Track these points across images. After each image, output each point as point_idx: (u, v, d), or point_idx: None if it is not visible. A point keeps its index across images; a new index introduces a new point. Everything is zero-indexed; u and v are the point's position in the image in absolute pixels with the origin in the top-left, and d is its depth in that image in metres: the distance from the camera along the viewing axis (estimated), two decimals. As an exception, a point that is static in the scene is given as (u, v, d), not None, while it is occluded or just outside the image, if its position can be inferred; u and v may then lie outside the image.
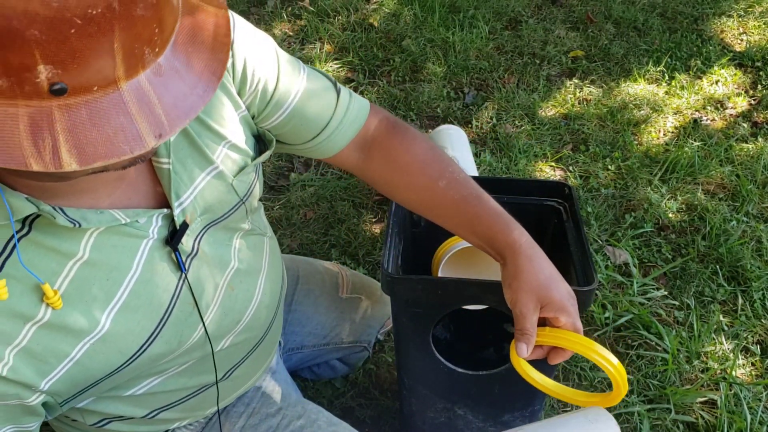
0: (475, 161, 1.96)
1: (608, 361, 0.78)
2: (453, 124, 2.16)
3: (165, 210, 0.75)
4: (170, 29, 0.56)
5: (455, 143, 1.90)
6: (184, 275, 0.78)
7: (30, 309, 0.66)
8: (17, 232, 0.65)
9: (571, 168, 2.01)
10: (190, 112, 0.56)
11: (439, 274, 1.12)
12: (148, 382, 0.84)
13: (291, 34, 2.66)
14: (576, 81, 2.40)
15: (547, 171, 2.01)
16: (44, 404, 0.72)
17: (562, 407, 1.39)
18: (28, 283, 0.66)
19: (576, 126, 2.18)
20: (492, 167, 2.00)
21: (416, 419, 1.18)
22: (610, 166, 2.02)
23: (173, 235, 0.76)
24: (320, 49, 2.54)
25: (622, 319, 1.55)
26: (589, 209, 1.85)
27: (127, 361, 0.75)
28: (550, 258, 0.83)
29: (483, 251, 0.89)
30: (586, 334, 1.55)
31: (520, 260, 0.82)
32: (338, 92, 0.90)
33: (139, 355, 0.76)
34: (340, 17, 2.70)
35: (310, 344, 1.26)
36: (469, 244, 0.99)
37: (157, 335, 0.77)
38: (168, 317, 0.78)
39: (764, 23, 2.73)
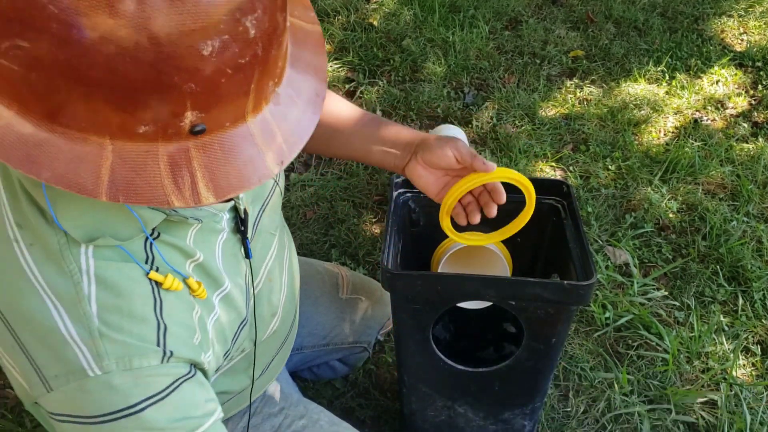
0: (475, 161, 1.96)
1: (523, 178, 0.88)
2: (453, 123, 2.16)
3: (231, 201, 0.77)
4: (285, 59, 0.60)
5: (455, 143, 1.90)
6: (249, 262, 0.82)
7: (189, 300, 0.71)
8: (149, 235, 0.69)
9: (571, 168, 2.00)
10: (304, 135, 0.60)
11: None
12: None
13: (291, 34, 2.65)
14: (576, 81, 2.40)
15: (548, 171, 2.01)
16: None
17: (562, 407, 1.39)
18: (179, 278, 0.70)
19: (576, 126, 2.18)
20: (492, 167, 2.00)
21: (417, 418, 1.18)
22: (610, 166, 2.01)
23: (239, 225, 0.79)
24: (320, 50, 2.53)
25: (623, 320, 1.55)
26: (590, 209, 1.85)
27: (227, 351, 0.80)
28: (549, 255, 0.84)
29: (383, 162, 0.96)
30: (586, 334, 1.55)
31: (428, 136, 0.93)
32: None
33: (233, 344, 0.81)
34: (340, 17, 2.70)
35: (310, 345, 1.26)
36: (466, 245, 0.99)
37: (245, 322, 0.82)
38: (248, 304, 0.82)
39: (765, 23, 2.73)
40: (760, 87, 2.37)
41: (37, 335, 0.63)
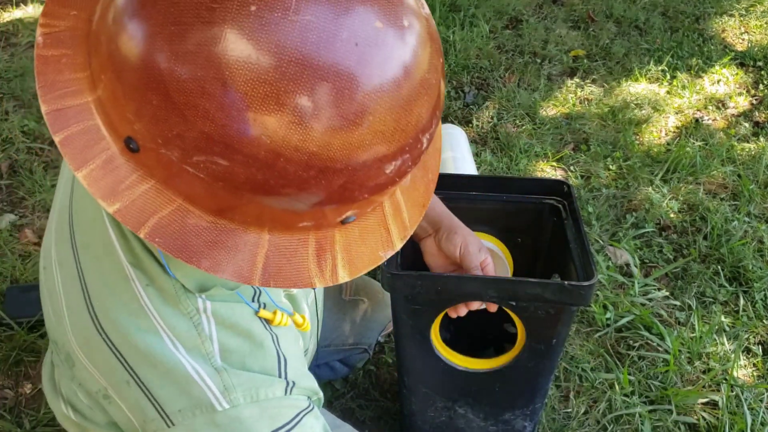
0: (476, 161, 1.96)
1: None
2: (453, 123, 2.15)
3: None
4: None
5: (455, 143, 1.89)
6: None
7: (296, 334, 0.74)
8: None
9: (572, 168, 2.00)
10: (422, 209, 0.62)
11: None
12: None
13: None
14: (577, 80, 2.40)
15: (548, 171, 2.00)
16: None
17: (563, 408, 1.39)
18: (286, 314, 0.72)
19: (577, 125, 2.17)
20: (492, 167, 1.99)
21: (417, 419, 1.17)
22: (611, 166, 2.01)
23: None
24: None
25: (624, 320, 1.54)
26: (590, 209, 1.85)
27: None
28: (549, 255, 0.84)
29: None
30: (587, 334, 1.54)
31: (455, 221, 0.96)
32: None
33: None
34: (340, 17, 2.70)
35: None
36: None
37: (309, 345, 0.86)
38: (315, 318, 0.87)
39: (766, 23, 2.72)
40: (761, 86, 2.37)
41: (158, 371, 0.63)
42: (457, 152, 1.84)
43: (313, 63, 0.45)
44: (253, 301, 0.68)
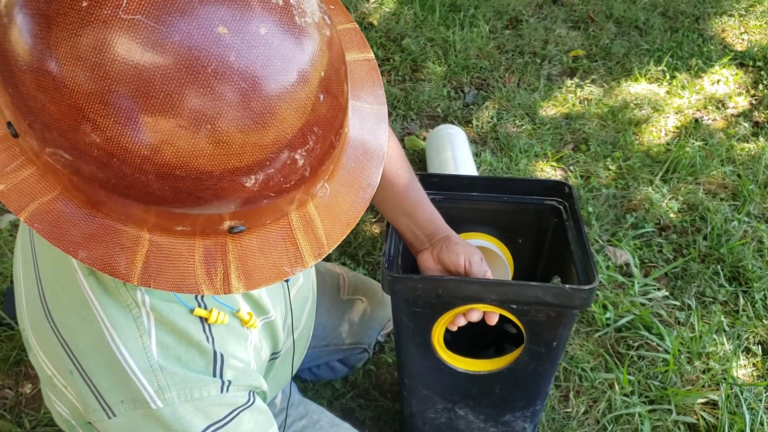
0: (476, 161, 1.96)
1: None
2: (453, 123, 2.15)
3: None
4: (339, 158, 0.58)
5: (455, 143, 1.89)
6: (287, 285, 0.84)
7: (242, 331, 0.72)
8: None
9: (571, 168, 2.00)
10: (347, 228, 0.58)
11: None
12: None
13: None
14: (577, 80, 2.40)
15: (548, 171, 2.00)
16: None
17: (563, 408, 1.39)
18: (225, 312, 0.71)
19: (577, 126, 2.17)
20: (492, 167, 1.99)
21: (417, 420, 1.18)
22: (611, 166, 2.01)
23: None
24: (320, 49, 2.53)
25: (623, 320, 1.54)
26: (590, 209, 1.85)
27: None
28: (550, 257, 0.84)
29: (404, 235, 1.00)
30: (587, 334, 1.55)
31: (452, 233, 0.97)
32: None
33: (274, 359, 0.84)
34: (340, 16, 2.69)
35: (310, 345, 1.26)
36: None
37: (282, 344, 0.84)
38: (285, 325, 0.84)
39: (765, 23, 2.72)
40: (761, 86, 2.37)
41: (98, 363, 0.64)
42: (457, 152, 1.85)
43: (137, 64, 0.44)
44: (195, 299, 0.68)
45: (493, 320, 0.94)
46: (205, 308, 0.68)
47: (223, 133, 0.46)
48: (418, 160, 2.02)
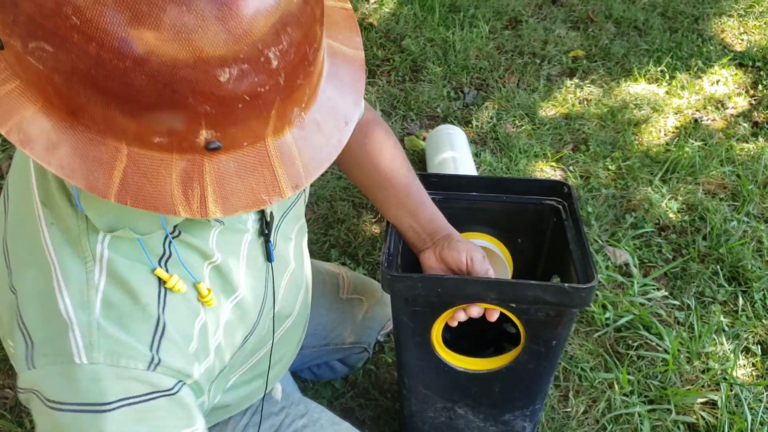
0: (475, 161, 1.96)
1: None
2: (453, 123, 2.16)
3: None
4: (316, 86, 0.59)
5: (455, 143, 1.89)
6: (271, 266, 0.82)
7: (195, 306, 0.71)
8: (170, 234, 0.69)
9: (571, 168, 2.00)
10: (324, 162, 0.59)
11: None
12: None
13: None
14: (576, 81, 2.40)
15: (548, 171, 2.01)
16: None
17: (562, 408, 1.39)
18: (187, 282, 0.70)
19: (576, 126, 2.17)
20: (492, 167, 2.00)
21: (416, 419, 1.18)
22: (610, 166, 2.01)
23: (263, 227, 0.79)
24: (320, 49, 2.53)
25: (623, 320, 1.55)
26: (590, 209, 1.85)
27: (231, 356, 0.80)
28: (549, 257, 0.84)
29: (405, 235, 1.00)
30: (586, 334, 1.55)
31: (453, 231, 0.98)
32: None
33: (240, 348, 0.81)
34: (340, 17, 2.70)
35: (310, 345, 1.26)
36: None
37: (256, 326, 0.82)
38: (263, 308, 0.82)
39: (765, 23, 2.73)
40: (760, 87, 2.37)
41: (40, 316, 0.64)
42: (456, 152, 1.85)
43: None
44: (160, 262, 0.68)
45: (493, 317, 0.94)
46: (167, 272, 0.68)
47: (198, 18, 0.47)
48: (418, 160, 2.03)
